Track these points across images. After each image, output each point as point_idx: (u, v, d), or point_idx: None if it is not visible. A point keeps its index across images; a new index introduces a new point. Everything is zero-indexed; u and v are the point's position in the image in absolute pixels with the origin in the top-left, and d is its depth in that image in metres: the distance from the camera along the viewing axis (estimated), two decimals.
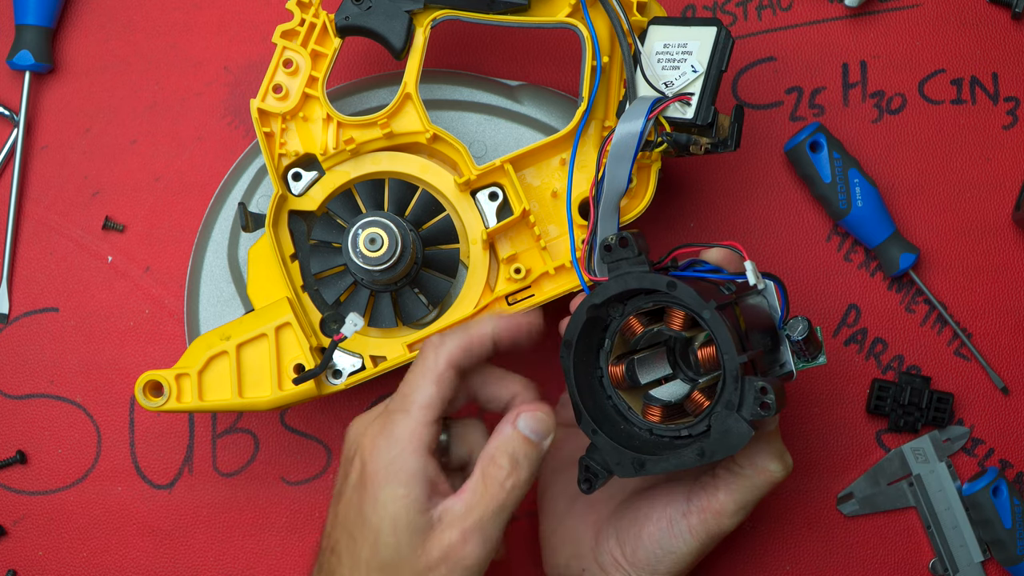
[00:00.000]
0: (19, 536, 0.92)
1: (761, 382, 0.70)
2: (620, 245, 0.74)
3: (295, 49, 0.83)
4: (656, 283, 0.72)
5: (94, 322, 0.93)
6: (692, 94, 0.78)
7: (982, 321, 0.92)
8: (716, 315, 0.70)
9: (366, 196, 0.84)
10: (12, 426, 0.92)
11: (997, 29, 0.94)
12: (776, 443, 0.77)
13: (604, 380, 0.77)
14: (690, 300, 0.71)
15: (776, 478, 0.77)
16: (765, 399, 0.69)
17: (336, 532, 0.75)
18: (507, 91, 0.89)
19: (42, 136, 0.94)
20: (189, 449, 0.92)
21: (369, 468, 0.73)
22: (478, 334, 0.76)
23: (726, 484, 0.77)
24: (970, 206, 0.93)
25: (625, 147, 0.76)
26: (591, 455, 0.76)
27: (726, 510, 0.77)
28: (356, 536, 0.73)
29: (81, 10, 0.95)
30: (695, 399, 0.75)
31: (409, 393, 0.75)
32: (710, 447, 0.71)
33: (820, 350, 0.77)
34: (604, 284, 0.74)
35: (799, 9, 0.94)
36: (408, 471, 0.73)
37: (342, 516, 0.75)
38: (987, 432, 0.92)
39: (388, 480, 0.72)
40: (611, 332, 0.76)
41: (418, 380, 0.75)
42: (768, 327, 0.76)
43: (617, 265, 0.74)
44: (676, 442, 0.75)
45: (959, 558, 0.90)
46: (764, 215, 0.93)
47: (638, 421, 0.77)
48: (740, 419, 0.70)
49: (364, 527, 0.73)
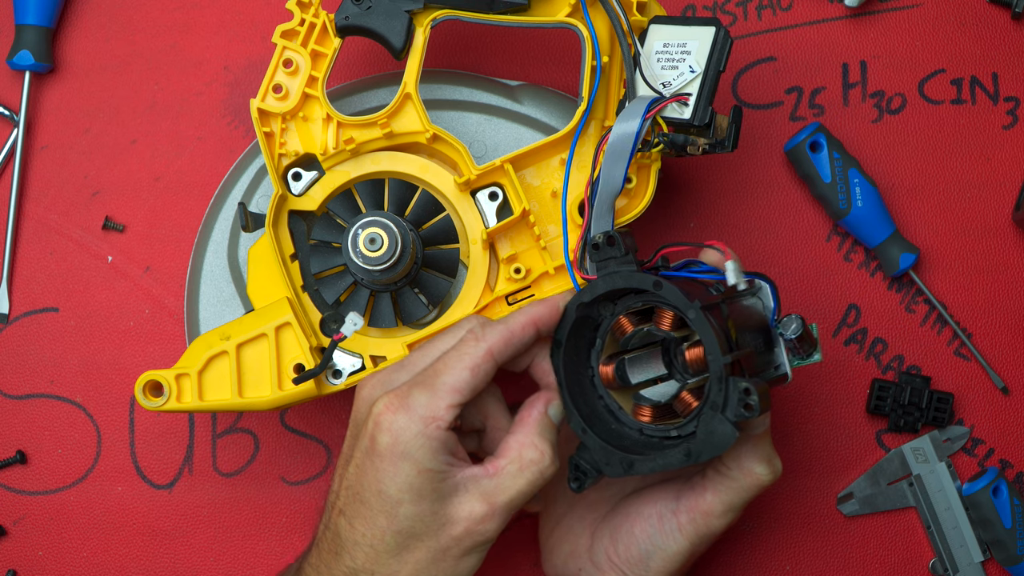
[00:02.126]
0: (19, 536, 0.92)
1: (744, 383, 0.69)
2: (608, 244, 0.74)
3: (295, 49, 0.83)
4: (642, 282, 0.72)
5: (94, 322, 0.93)
6: (690, 94, 0.78)
7: (982, 321, 0.92)
8: (701, 315, 0.70)
9: (366, 196, 0.84)
10: (12, 426, 0.92)
11: (997, 29, 0.94)
12: (765, 446, 0.77)
13: (595, 379, 0.77)
14: (675, 300, 0.71)
15: (763, 482, 0.77)
16: (748, 400, 0.69)
17: (346, 496, 0.74)
18: (507, 91, 0.89)
19: (42, 136, 0.94)
20: (189, 449, 0.92)
21: (386, 440, 0.72)
22: (519, 324, 0.75)
23: (714, 485, 0.77)
24: (970, 206, 0.93)
25: (621, 147, 0.76)
26: (581, 454, 0.76)
27: (714, 511, 0.77)
28: (372, 504, 0.73)
29: (81, 10, 0.95)
30: (684, 399, 0.75)
31: (442, 372, 0.74)
32: (696, 448, 0.71)
33: (815, 347, 0.77)
34: (592, 283, 0.75)
35: (799, 9, 0.94)
36: (430, 448, 0.72)
37: (353, 482, 0.74)
38: (987, 432, 0.92)
39: (408, 455, 0.72)
40: (602, 331, 0.76)
41: (454, 363, 0.74)
42: (762, 328, 0.76)
43: (605, 264, 0.74)
44: (666, 442, 0.75)
45: (959, 558, 0.90)
46: (764, 215, 0.93)
47: (629, 421, 0.77)
48: (725, 420, 0.70)
49: (380, 496, 0.72)
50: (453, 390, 0.73)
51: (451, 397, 0.73)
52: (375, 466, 0.73)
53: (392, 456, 0.72)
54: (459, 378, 0.73)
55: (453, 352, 0.75)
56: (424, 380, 0.74)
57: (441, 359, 0.75)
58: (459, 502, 0.73)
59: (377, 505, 0.72)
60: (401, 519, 0.72)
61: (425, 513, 0.72)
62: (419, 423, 0.72)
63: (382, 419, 0.73)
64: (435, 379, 0.74)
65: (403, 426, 0.72)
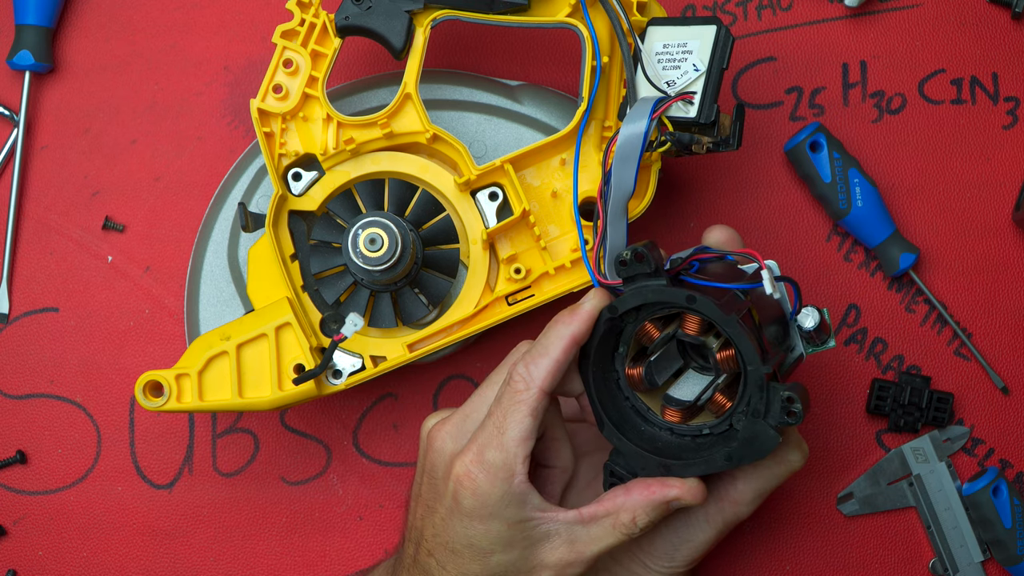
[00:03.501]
0: (19, 536, 0.92)
1: (787, 391, 0.70)
2: (636, 260, 0.74)
3: (295, 49, 0.83)
4: (676, 297, 0.72)
5: (94, 322, 0.93)
6: (694, 93, 0.78)
7: (982, 321, 0.92)
8: (738, 327, 0.71)
9: (366, 196, 0.84)
10: (12, 426, 0.92)
11: (997, 29, 0.94)
12: (793, 432, 0.78)
13: (620, 382, 0.77)
14: (711, 313, 0.71)
15: (795, 467, 0.78)
16: (792, 408, 0.71)
17: (434, 542, 0.76)
18: (507, 91, 0.89)
19: (42, 136, 0.94)
20: (189, 449, 0.92)
21: (471, 503, 0.74)
22: (561, 350, 0.75)
23: (744, 474, 0.78)
24: (970, 206, 0.93)
25: (630, 148, 0.76)
26: (615, 460, 0.76)
27: (744, 499, 0.78)
28: (464, 554, 0.75)
29: (81, 10, 0.95)
30: (717, 401, 0.75)
31: (504, 427, 0.74)
32: (738, 453, 0.72)
33: (830, 334, 0.77)
34: (622, 298, 0.74)
35: (799, 9, 0.94)
36: (516, 503, 0.74)
37: (441, 532, 0.75)
38: (987, 432, 0.92)
39: (496, 514, 0.74)
40: (625, 337, 0.76)
41: (512, 414, 0.74)
42: (778, 314, 0.76)
43: (633, 278, 0.74)
44: (698, 441, 0.75)
45: (959, 558, 0.90)
46: (764, 215, 0.93)
47: (658, 421, 0.77)
48: (767, 426, 0.71)
49: (472, 549, 0.74)
50: (521, 441, 0.74)
51: (523, 449, 0.74)
52: (464, 523, 0.74)
53: (480, 516, 0.74)
54: (523, 428, 0.74)
55: (508, 401, 0.75)
56: (493, 438, 0.74)
57: (499, 410, 0.75)
58: (549, 548, 0.75)
59: (469, 555, 0.75)
60: (493, 566, 0.74)
61: (516, 559, 0.74)
62: (502, 484, 0.73)
63: (464, 482, 0.74)
64: (503, 436, 0.74)
65: (487, 490, 0.74)
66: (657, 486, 0.74)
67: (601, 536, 0.74)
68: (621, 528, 0.74)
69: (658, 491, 0.74)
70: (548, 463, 0.80)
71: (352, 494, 0.92)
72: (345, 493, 0.92)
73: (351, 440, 0.92)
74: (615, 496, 0.75)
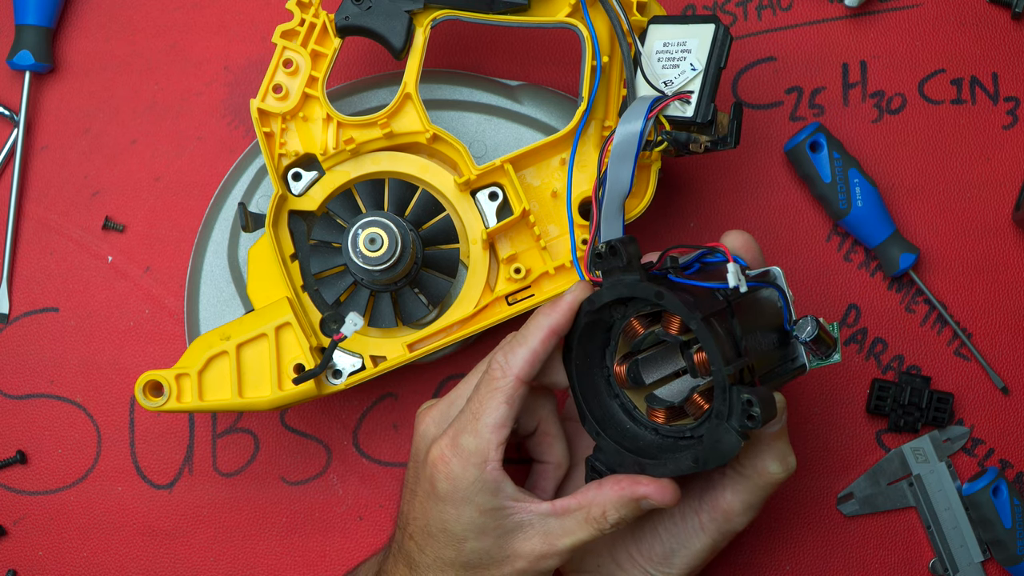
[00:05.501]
0: (19, 536, 0.92)
1: (747, 394, 0.69)
2: (610, 253, 0.74)
3: (295, 49, 0.83)
4: (645, 292, 0.73)
5: (94, 322, 0.93)
6: (692, 92, 0.78)
7: (982, 321, 0.92)
8: (702, 326, 0.70)
9: (366, 196, 0.84)
10: (12, 426, 0.92)
11: (997, 29, 0.94)
12: (780, 444, 0.77)
13: (611, 379, 0.77)
14: (677, 310, 0.71)
15: (776, 480, 0.77)
16: (751, 411, 0.69)
17: (415, 526, 0.77)
18: (507, 91, 0.89)
19: (42, 136, 0.94)
20: (189, 449, 0.92)
21: (445, 487, 0.75)
22: (539, 340, 0.76)
23: (732, 484, 0.77)
24: (970, 206, 0.93)
25: (627, 147, 0.76)
26: (596, 456, 0.76)
27: (733, 509, 0.77)
28: (439, 538, 0.75)
29: (81, 10, 0.95)
30: (695, 401, 0.75)
31: (479, 413, 0.75)
32: (703, 456, 0.72)
33: (834, 348, 0.77)
34: (598, 291, 0.75)
35: (799, 9, 0.94)
36: (489, 489, 0.74)
37: (419, 516, 0.76)
38: (987, 432, 0.92)
39: (468, 499, 0.74)
40: (615, 333, 0.77)
41: (488, 401, 0.75)
42: (778, 322, 0.76)
43: (610, 272, 0.74)
44: (680, 443, 0.75)
45: (959, 558, 0.90)
46: (764, 215, 0.93)
47: (644, 420, 0.77)
48: (730, 429, 0.70)
49: (446, 533, 0.75)
50: (496, 428, 0.75)
51: (497, 436, 0.75)
52: (439, 508, 0.75)
53: (453, 501, 0.74)
54: (498, 415, 0.75)
55: (485, 388, 0.76)
56: (468, 424, 0.75)
57: (476, 397, 0.76)
58: (523, 539, 0.75)
59: (444, 540, 0.75)
60: (467, 553, 0.75)
61: (490, 547, 0.75)
62: (474, 469, 0.74)
63: (439, 466, 0.75)
64: (477, 422, 0.75)
65: (459, 474, 0.74)
66: (627, 483, 0.74)
67: (573, 529, 0.74)
68: (592, 522, 0.74)
69: (627, 488, 0.74)
70: (542, 458, 0.80)
71: (352, 494, 0.92)
72: (345, 493, 0.92)
73: (351, 440, 0.92)
74: (588, 490, 0.75)
